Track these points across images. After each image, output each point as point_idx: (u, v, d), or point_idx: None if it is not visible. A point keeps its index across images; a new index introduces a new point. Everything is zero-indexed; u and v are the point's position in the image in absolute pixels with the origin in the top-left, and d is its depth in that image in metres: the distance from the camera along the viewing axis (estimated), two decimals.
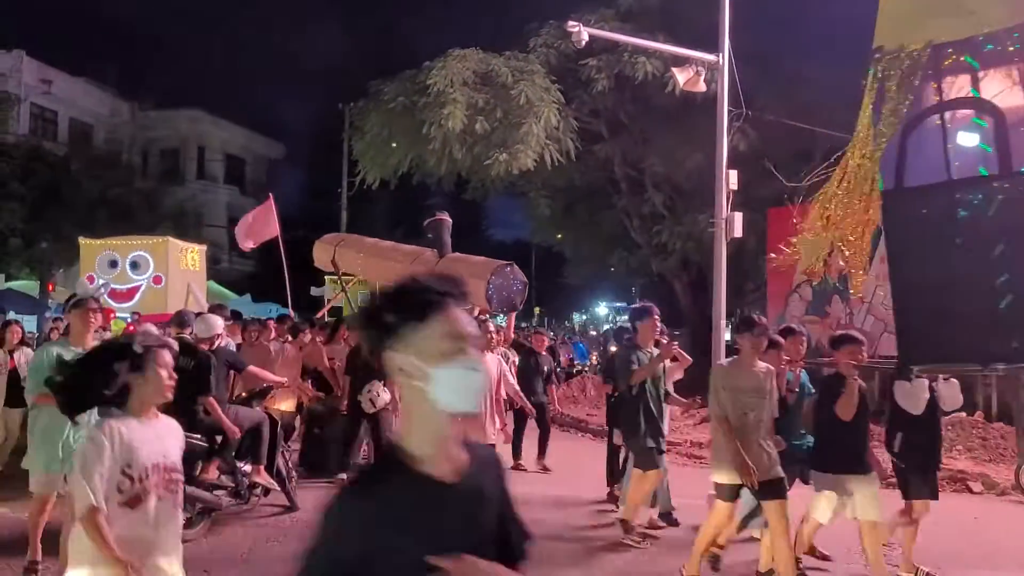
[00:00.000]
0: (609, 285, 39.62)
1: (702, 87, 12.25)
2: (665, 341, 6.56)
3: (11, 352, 8.26)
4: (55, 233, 22.28)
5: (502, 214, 45.74)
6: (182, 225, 25.17)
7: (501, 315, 11.48)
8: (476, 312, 10.97)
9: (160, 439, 3.16)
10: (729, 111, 12.32)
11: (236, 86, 53.91)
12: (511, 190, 20.57)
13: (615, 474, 7.98)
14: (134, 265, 13.66)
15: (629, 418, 6.43)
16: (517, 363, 9.59)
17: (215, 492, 6.30)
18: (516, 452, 9.60)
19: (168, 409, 6.19)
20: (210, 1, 52.10)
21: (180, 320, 7.88)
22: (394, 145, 16.57)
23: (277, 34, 55.74)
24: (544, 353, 10.24)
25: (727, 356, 6.92)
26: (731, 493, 5.50)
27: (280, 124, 49.89)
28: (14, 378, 8.05)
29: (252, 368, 7.33)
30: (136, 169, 30.07)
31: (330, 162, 29.58)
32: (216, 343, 6.57)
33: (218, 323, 6.77)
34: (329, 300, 15.20)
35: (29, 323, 21.19)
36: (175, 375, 3.21)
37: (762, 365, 5.24)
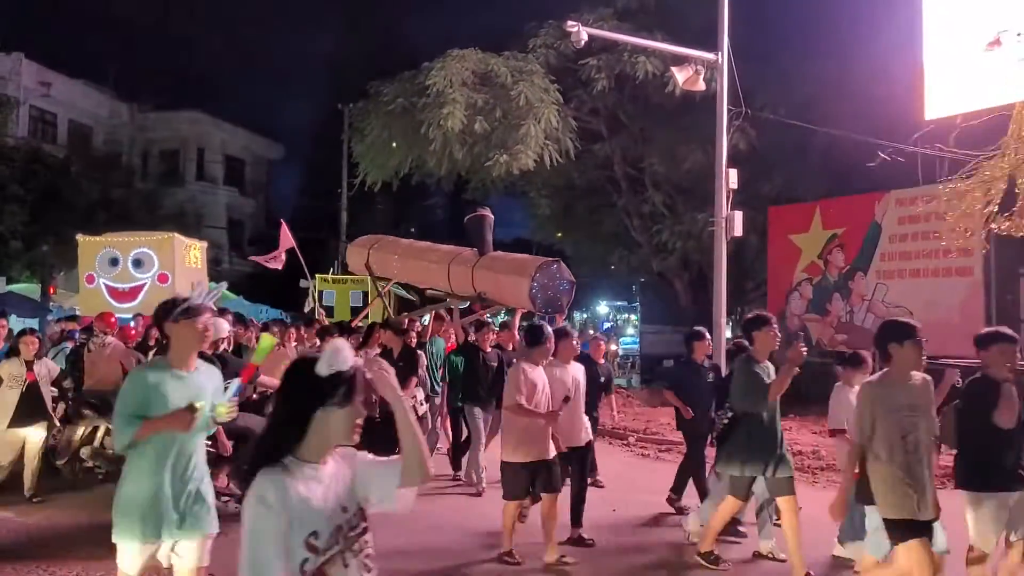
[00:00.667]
0: (609, 284, 39.57)
1: (701, 86, 12.27)
2: (798, 346, 5.49)
3: (29, 364, 7.43)
4: (56, 235, 22.28)
5: (502, 213, 45.56)
6: (182, 226, 25.10)
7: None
8: (485, 313, 10.66)
9: (334, 487, 2.26)
10: (729, 110, 12.34)
11: (235, 87, 53.96)
12: (511, 190, 20.60)
13: (680, 489, 7.51)
14: (137, 263, 13.05)
15: (742, 443, 5.55)
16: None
17: (223, 499, 6.32)
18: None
19: None
20: (209, 2, 52.06)
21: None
22: (394, 146, 16.60)
23: (276, 35, 55.73)
24: (602, 362, 8.87)
25: (735, 353, 6.57)
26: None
27: (279, 125, 49.95)
28: (35, 392, 7.38)
29: (262, 378, 7.29)
30: (136, 171, 30.08)
31: (330, 163, 29.58)
32: (220, 347, 6.56)
33: (224, 327, 6.75)
34: (365, 308, 14.63)
35: (31, 326, 21.20)
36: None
37: (918, 376, 4.35)
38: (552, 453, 5.80)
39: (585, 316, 50.26)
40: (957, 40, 14.14)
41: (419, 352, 8.41)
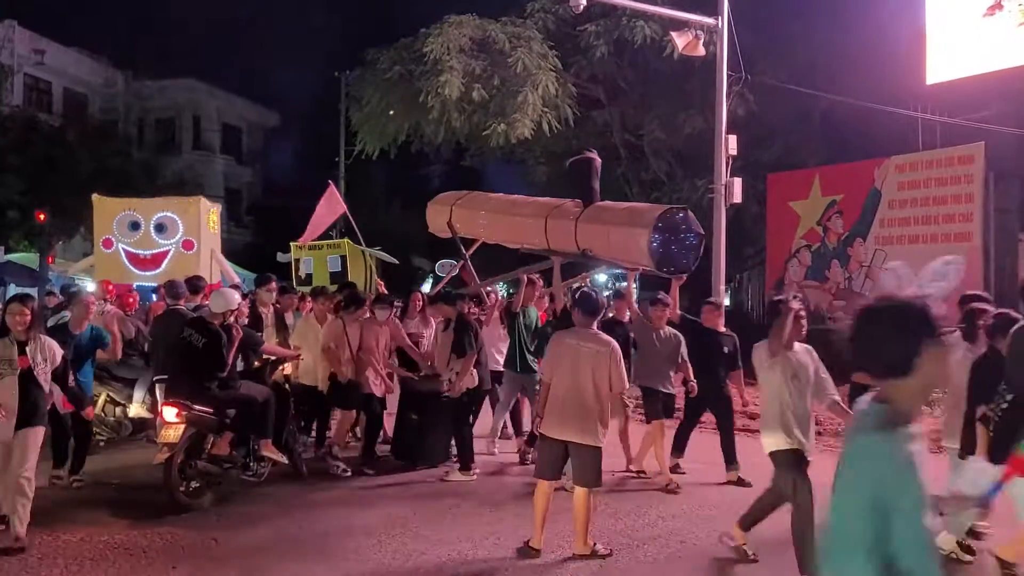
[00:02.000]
0: None
1: (701, 51, 12.16)
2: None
3: (22, 344, 5.44)
4: (53, 204, 22.21)
5: (499, 181, 45.52)
6: (182, 195, 25.05)
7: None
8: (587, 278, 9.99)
9: None
10: (728, 75, 12.25)
11: (231, 55, 53.30)
12: (509, 157, 20.49)
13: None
14: (160, 228, 12.12)
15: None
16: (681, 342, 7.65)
17: (225, 465, 6.39)
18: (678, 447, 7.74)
19: (179, 384, 6.27)
20: None
21: (174, 291, 7.88)
22: (392, 114, 16.48)
23: (272, 1, 54.97)
24: (725, 331, 7.83)
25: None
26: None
27: (276, 93, 49.40)
28: (28, 382, 5.41)
29: (268, 345, 7.33)
30: (132, 139, 29.87)
31: (327, 131, 29.39)
32: (228, 318, 6.53)
33: (235, 298, 6.74)
34: (445, 277, 13.25)
35: (26, 293, 21.20)
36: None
37: None
38: None
39: (586, 285, 50.26)
40: (958, 5, 14.01)
41: (473, 323, 7.84)
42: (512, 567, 5.17)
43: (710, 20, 12.10)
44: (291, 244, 13.43)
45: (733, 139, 12.06)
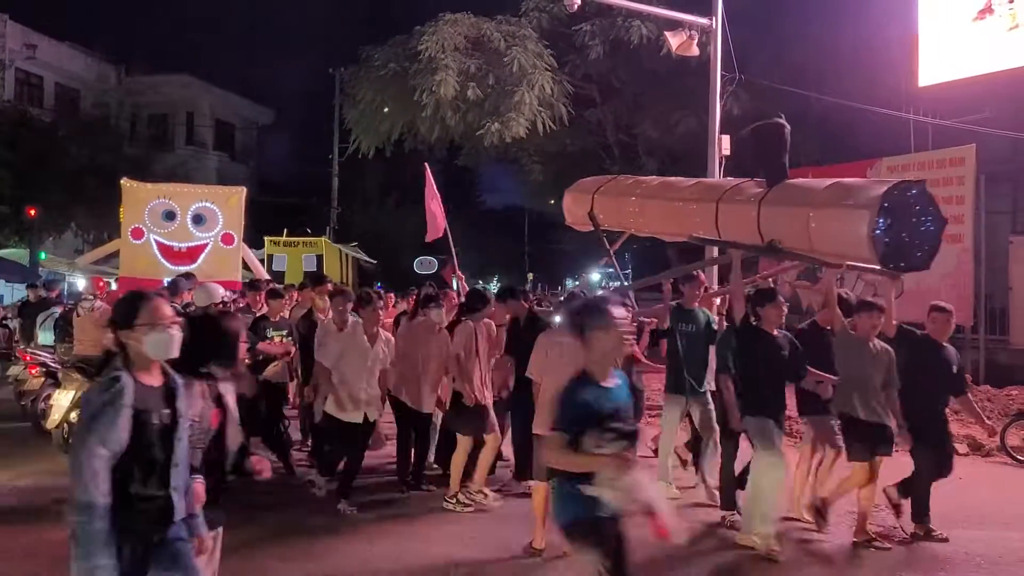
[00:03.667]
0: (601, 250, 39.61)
1: (695, 51, 12.18)
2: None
3: None
4: (43, 200, 22.09)
5: (493, 179, 45.58)
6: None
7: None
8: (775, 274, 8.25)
9: None
10: (722, 75, 12.26)
11: (225, 51, 53.19)
12: (503, 156, 20.49)
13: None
14: (198, 219, 11.21)
15: None
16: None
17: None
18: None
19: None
20: None
21: (173, 287, 7.84)
22: (386, 111, 16.46)
23: None
24: (948, 346, 5.96)
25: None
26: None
27: (270, 90, 49.39)
28: None
29: (261, 344, 7.25)
30: (124, 135, 29.73)
31: (321, 128, 29.34)
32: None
33: (218, 292, 6.72)
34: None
35: (20, 292, 21.14)
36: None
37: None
38: None
39: (577, 283, 50.42)
40: (951, 9, 14.08)
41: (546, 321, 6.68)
42: (508, 567, 5.16)
43: (704, 20, 12.11)
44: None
45: (727, 139, 12.07)
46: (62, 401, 7.74)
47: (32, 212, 21.50)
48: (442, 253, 28.95)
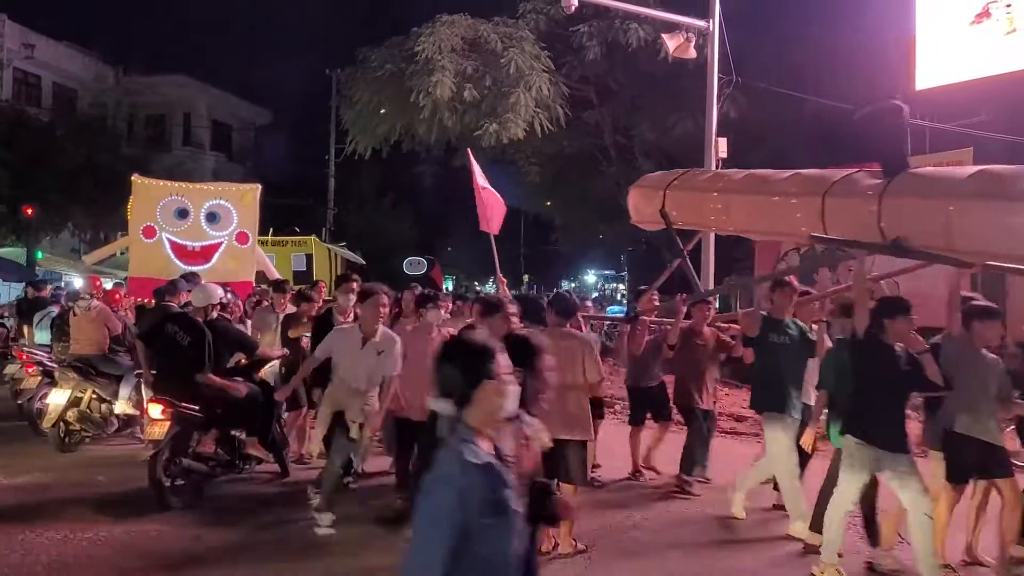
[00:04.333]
0: (598, 253, 39.68)
1: (692, 54, 12.22)
2: None
3: None
4: (41, 200, 22.07)
5: (489, 181, 45.53)
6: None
7: None
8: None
9: None
10: (719, 78, 12.30)
11: (223, 52, 53.13)
12: (500, 157, 20.49)
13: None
14: (212, 217, 10.75)
15: None
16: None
17: (210, 463, 6.37)
18: None
19: (166, 381, 6.24)
20: None
21: (173, 288, 7.82)
22: (383, 112, 16.46)
23: None
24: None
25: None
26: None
27: (267, 90, 49.31)
28: None
29: (262, 349, 7.20)
30: (122, 135, 29.70)
31: (318, 128, 29.34)
32: (212, 314, 6.48)
33: (216, 293, 6.69)
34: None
35: (16, 290, 21.12)
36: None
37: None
38: None
39: (573, 284, 50.47)
40: (948, 12, 14.13)
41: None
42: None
43: (701, 23, 12.14)
44: (256, 238, 12.51)
45: (724, 141, 12.12)
46: (58, 400, 7.74)
47: (29, 211, 21.47)
48: (432, 253, 28.88)
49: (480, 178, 9.63)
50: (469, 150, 10.79)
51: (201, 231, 10.73)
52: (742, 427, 10.15)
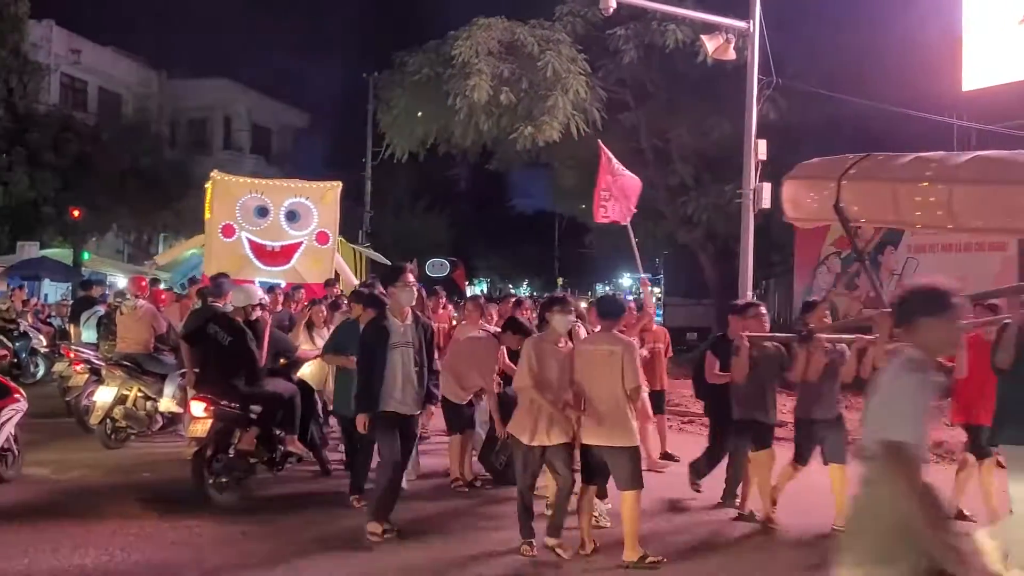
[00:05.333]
0: (633, 256, 39.44)
1: (732, 55, 12.10)
2: None
3: None
4: (87, 202, 22.62)
5: (522, 184, 45.59)
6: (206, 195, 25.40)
7: None
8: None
9: None
10: (759, 79, 12.17)
11: (262, 56, 53.93)
12: (535, 161, 20.49)
13: None
14: (292, 216, 10.40)
15: None
16: None
17: (252, 460, 6.46)
18: None
19: (209, 380, 6.35)
20: None
21: (218, 288, 7.95)
22: (420, 115, 16.54)
23: (302, 2, 55.55)
24: None
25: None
26: None
27: (306, 94, 49.98)
28: None
29: (302, 351, 7.32)
30: (165, 139, 30.31)
31: (354, 131, 29.63)
32: (253, 315, 6.57)
33: (257, 294, 6.78)
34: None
35: (63, 290, 21.65)
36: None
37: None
38: None
39: (608, 288, 50.26)
40: (996, 12, 13.83)
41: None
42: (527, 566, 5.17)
43: (741, 24, 12.03)
44: (337, 238, 12.32)
45: (763, 143, 11.98)
46: (105, 398, 7.92)
47: (76, 213, 22.01)
48: (465, 256, 28.83)
49: (616, 165, 9.49)
50: (600, 142, 10.36)
51: (281, 230, 10.41)
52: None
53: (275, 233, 10.36)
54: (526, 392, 5.31)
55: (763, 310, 6.38)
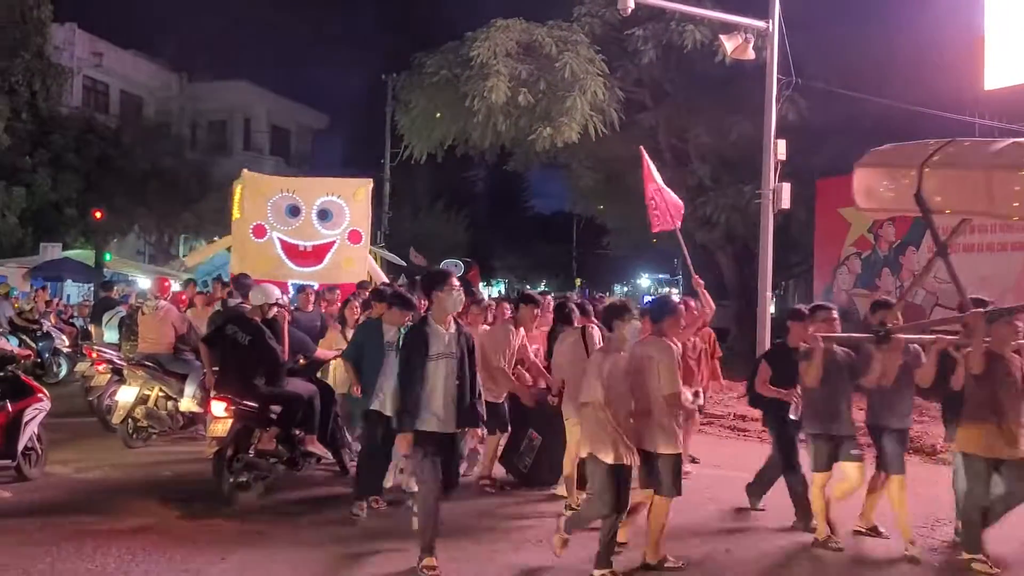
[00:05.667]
0: (651, 256, 39.33)
1: (751, 55, 12.04)
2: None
3: None
4: (108, 204, 22.88)
5: (539, 185, 45.53)
6: (230, 195, 25.62)
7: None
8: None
9: None
10: (778, 79, 12.10)
11: (281, 58, 54.29)
12: (553, 162, 20.48)
13: None
14: (324, 215, 10.14)
15: None
16: None
17: (271, 460, 6.50)
18: None
19: (228, 380, 6.39)
20: None
21: (242, 287, 8.00)
22: (438, 117, 16.58)
23: (320, 5, 55.82)
24: None
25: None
26: None
27: (324, 95, 50.32)
28: None
29: (320, 351, 7.35)
30: (185, 141, 30.60)
31: (373, 133, 29.75)
32: (270, 313, 6.61)
33: (274, 292, 6.82)
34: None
35: (85, 291, 21.89)
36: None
37: None
38: None
39: (626, 289, 50.15)
40: (1020, 9, 13.64)
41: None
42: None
43: (760, 23, 11.96)
44: (369, 237, 12.17)
45: (782, 144, 11.91)
46: (126, 397, 8.00)
47: (98, 215, 22.26)
48: (472, 256, 28.98)
49: (656, 176, 9.24)
50: (642, 148, 9.91)
51: (313, 230, 10.08)
52: None
53: (307, 232, 10.08)
54: (595, 407, 4.91)
55: (834, 313, 5.84)
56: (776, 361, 6.13)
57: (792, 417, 5.86)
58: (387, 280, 10.37)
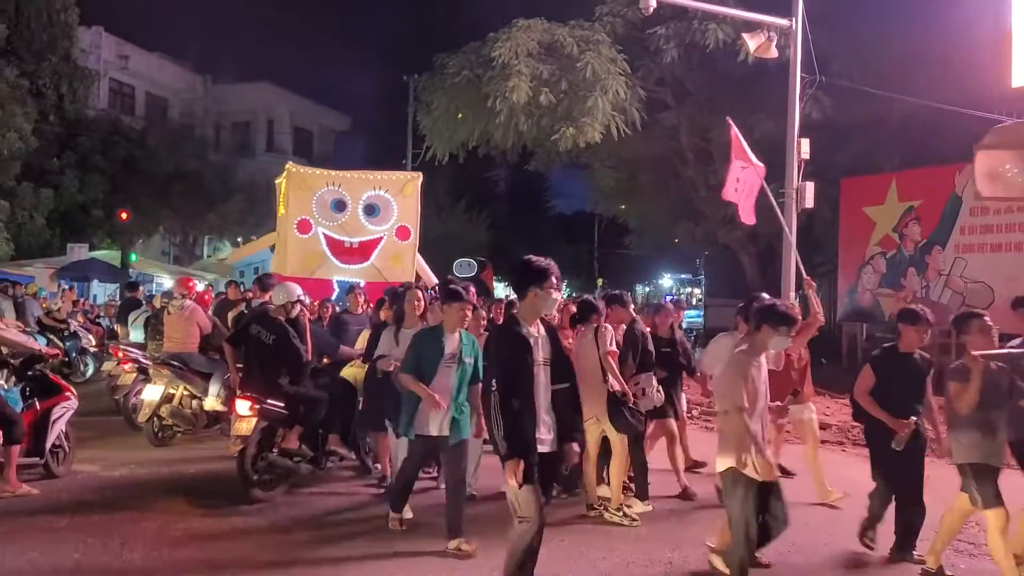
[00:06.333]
0: (673, 256, 39.12)
1: (774, 53, 11.94)
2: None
3: None
4: (134, 205, 23.17)
5: (561, 184, 45.45)
6: (253, 197, 25.86)
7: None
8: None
9: None
10: (802, 77, 12.00)
11: (304, 59, 54.64)
12: (575, 161, 20.46)
13: None
14: (371, 210, 9.86)
15: None
16: None
17: (295, 459, 6.55)
18: None
19: (253, 380, 6.44)
20: None
21: (263, 284, 8.04)
22: (460, 117, 16.62)
23: (342, 6, 56.16)
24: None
25: None
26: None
27: (346, 97, 50.60)
28: None
29: (344, 349, 7.39)
30: (209, 142, 30.93)
31: (395, 134, 29.87)
32: (293, 312, 6.64)
33: (296, 291, 6.85)
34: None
35: (111, 291, 22.18)
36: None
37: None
38: None
39: (648, 289, 49.88)
40: None
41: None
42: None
43: (783, 21, 11.86)
44: (418, 233, 11.75)
45: (806, 142, 11.81)
46: (152, 396, 8.09)
47: (124, 216, 22.55)
48: (493, 256, 28.94)
49: (748, 152, 8.76)
50: (729, 118, 9.46)
51: (359, 225, 9.86)
52: None
53: (353, 228, 9.82)
54: (738, 415, 4.33)
55: (989, 321, 4.81)
56: (883, 368, 5.25)
57: (894, 447, 5.06)
58: (436, 280, 9.95)
